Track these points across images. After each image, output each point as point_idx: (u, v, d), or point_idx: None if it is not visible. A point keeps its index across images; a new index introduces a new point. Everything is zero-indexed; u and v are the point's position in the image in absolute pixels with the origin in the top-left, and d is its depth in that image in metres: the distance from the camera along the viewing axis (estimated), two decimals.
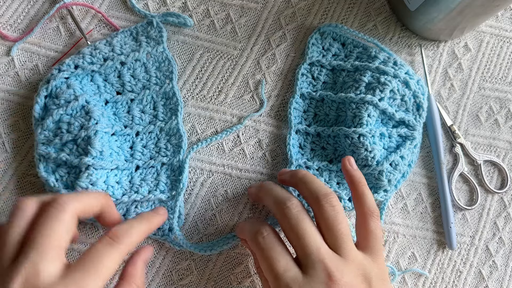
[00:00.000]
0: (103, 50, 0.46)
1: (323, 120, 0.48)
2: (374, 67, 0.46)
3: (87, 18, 0.49)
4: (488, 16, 0.48)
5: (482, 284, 0.49)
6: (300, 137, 0.48)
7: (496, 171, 0.51)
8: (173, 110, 0.47)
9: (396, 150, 0.45)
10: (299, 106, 0.48)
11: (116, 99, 0.46)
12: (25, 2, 0.49)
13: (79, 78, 0.45)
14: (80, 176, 0.41)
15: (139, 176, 0.45)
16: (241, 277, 0.46)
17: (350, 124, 0.45)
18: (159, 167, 0.45)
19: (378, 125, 0.46)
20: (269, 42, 0.51)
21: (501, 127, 0.52)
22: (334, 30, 0.50)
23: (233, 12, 0.51)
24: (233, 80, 0.50)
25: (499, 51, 0.53)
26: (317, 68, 0.49)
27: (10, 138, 0.46)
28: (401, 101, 0.46)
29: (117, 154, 0.44)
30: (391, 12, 0.53)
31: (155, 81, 0.47)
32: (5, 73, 0.47)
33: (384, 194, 0.46)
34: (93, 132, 0.42)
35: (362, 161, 0.44)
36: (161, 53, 0.47)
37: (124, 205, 0.43)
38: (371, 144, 0.44)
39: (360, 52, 0.49)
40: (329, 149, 0.47)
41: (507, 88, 0.53)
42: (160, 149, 0.46)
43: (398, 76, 0.46)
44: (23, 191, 0.46)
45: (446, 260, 0.49)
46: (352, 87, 0.46)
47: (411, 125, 0.46)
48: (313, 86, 0.49)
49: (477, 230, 0.50)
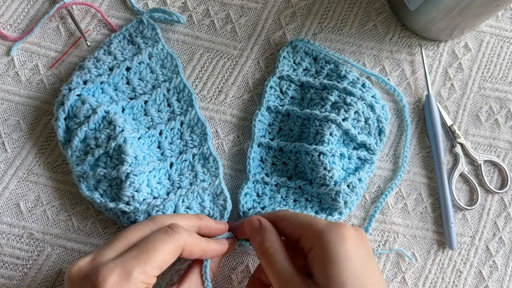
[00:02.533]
0: (106, 60, 0.46)
1: (287, 135, 0.48)
2: (342, 87, 0.46)
3: (87, 18, 0.49)
4: (488, 16, 0.48)
5: (482, 284, 0.49)
6: (262, 150, 0.47)
7: (496, 171, 0.51)
8: (188, 101, 0.47)
9: (354, 172, 0.45)
10: (264, 119, 0.48)
11: (131, 104, 0.46)
12: (25, 2, 0.49)
13: (90, 92, 0.45)
14: (123, 186, 0.41)
15: (176, 172, 0.45)
16: (241, 277, 0.46)
17: (311, 141, 0.45)
18: (191, 158, 0.46)
19: (339, 145, 0.46)
20: (269, 42, 0.51)
21: (501, 127, 0.52)
22: (306, 44, 0.49)
23: (233, 12, 0.51)
24: (233, 80, 0.50)
25: (499, 51, 0.53)
26: (286, 83, 0.49)
27: (10, 138, 0.46)
28: (364, 124, 0.46)
29: (149, 156, 0.44)
30: (391, 12, 0.53)
31: (163, 79, 0.47)
32: (5, 73, 0.47)
33: (338, 216, 0.46)
34: (122, 139, 0.42)
35: (320, 180, 0.44)
36: (161, 51, 0.47)
37: (171, 203, 0.43)
38: (331, 163, 0.44)
39: (331, 70, 0.49)
40: (290, 164, 0.47)
41: (507, 88, 0.53)
42: (186, 142, 0.46)
43: (364, 99, 0.46)
44: (23, 191, 0.46)
45: (446, 260, 0.49)
46: (318, 105, 0.46)
47: (371, 149, 0.46)
48: (280, 100, 0.49)
49: (477, 230, 0.50)
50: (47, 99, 0.47)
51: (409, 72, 0.52)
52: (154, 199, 0.42)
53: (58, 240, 0.45)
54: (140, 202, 0.41)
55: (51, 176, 0.46)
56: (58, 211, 0.46)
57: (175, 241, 0.35)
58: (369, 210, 0.49)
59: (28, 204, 0.45)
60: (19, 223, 0.45)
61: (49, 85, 0.48)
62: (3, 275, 0.44)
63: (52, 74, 0.48)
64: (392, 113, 0.50)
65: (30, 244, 0.45)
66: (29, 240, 0.45)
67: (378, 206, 0.48)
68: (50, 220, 0.45)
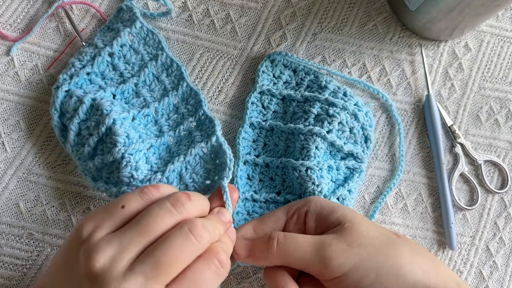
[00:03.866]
0: (88, 51, 0.46)
1: (272, 150, 0.47)
2: (324, 99, 0.46)
3: (86, 18, 0.49)
4: (489, 16, 0.48)
5: (482, 284, 0.49)
6: (249, 167, 0.47)
7: (496, 171, 0.51)
8: (177, 75, 0.47)
9: (343, 183, 0.45)
10: (248, 135, 0.47)
11: (121, 89, 0.45)
12: (24, 2, 0.49)
13: (78, 86, 0.45)
14: (120, 168, 0.40)
15: (176, 144, 0.44)
16: (241, 277, 0.46)
17: (298, 156, 0.45)
18: (189, 127, 0.45)
19: (326, 157, 0.45)
20: (269, 42, 0.51)
21: (502, 127, 0.52)
22: (285, 57, 0.49)
23: (233, 12, 0.51)
24: (233, 80, 0.50)
25: (499, 51, 0.53)
26: (268, 97, 0.48)
27: (10, 138, 0.46)
28: (349, 133, 0.46)
29: (146, 134, 0.44)
30: (391, 12, 0.53)
31: (149, 57, 0.47)
32: (5, 73, 0.47)
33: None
34: (111, 121, 0.42)
35: (309, 195, 0.44)
36: (140, 29, 0.47)
37: (175, 174, 0.42)
38: (318, 177, 0.43)
39: (311, 81, 0.48)
40: (278, 180, 0.46)
41: (508, 88, 0.53)
42: (183, 114, 0.46)
43: (347, 108, 0.45)
44: (23, 191, 0.46)
45: (446, 260, 0.49)
46: (302, 118, 0.46)
47: (359, 158, 0.46)
48: (263, 115, 0.48)
49: (477, 230, 0.50)
50: (47, 99, 0.47)
51: (409, 72, 0.52)
52: (155, 173, 0.41)
53: (58, 240, 0.45)
54: (140, 180, 0.41)
55: (51, 176, 0.46)
56: (58, 211, 0.46)
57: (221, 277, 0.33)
58: (368, 210, 0.49)
59: (27, 204, 0.45)
60: (18, 223, 0.45)
61: (49, 85, 0.48)
62: (3, 275, 0.44)
63: (52, 74, 0.48)
64: (386, 114, 0.50)
65: (30, 244, 0.45)
66: (29, 240, 0.45)
67: (377, 206, 0.48)
68: (50, 220, 0.45)
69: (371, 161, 0.49)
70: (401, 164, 0.49)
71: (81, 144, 0.43)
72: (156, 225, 0.32)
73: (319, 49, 0.51)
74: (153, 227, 0.32)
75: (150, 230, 0.32)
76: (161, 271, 0.30)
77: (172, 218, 0.33)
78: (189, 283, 0.31)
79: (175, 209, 0.33)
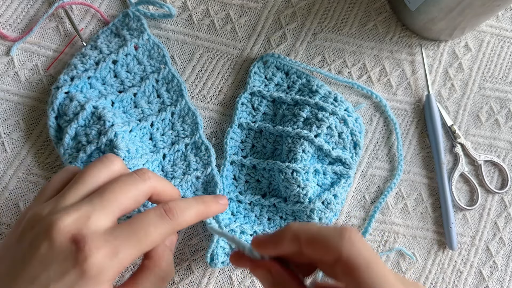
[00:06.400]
0: (92, 55, 0.46)
1: (260, 152, 0.47)
2: (313, 103, 0.45)
3: (86, 18, 0.49)
4: (489, 16, 0.48)
5: (482, 284, 0.49)
6: (235, 168, 0.47)
7: (496, 171, 0.51)
8: (177, 91, 0.47)
9: (329, 188, 0.45)
10: (236, 136, 0.47)
11: (121, 97, 0.46)
12: (24, 2, 0.49)
13: (78, 88, 0.45)
14: None
15: (169, 163, 0.45)
16: (241, 277, 0.46)
17: (285, 159, 0.45)
18: (184, 148, 0.46)
19: (313, 161, 0.45)
20: (269, 42, 0.51)
21: (502, 127, 0.52)
22: (277, 59, 0.49)
23: (233, 11, 0.51)
24: (233, 80, 0.50)
25: (499, 51, 0.53)
26: (258, 99, 0.48)
27: (10, 138, 0.46)
28: (338, 138, 0.46)
29: (142, 148, 0.44)
30: (392, 12, 0.53)
31: (151, 70, 0.47)
32: (5, 73, 0.47)
33: None
34: (113, 134, 0.42)
35: (294, 197, 0.44)
36: (147, 41, 0.47)
37: None
38: (304, 180, 0.43)
39: (303, 84, 0.48)
40: (264, 182, 0.46)
41: (508, 88, 0.53)
42: (178, 132, 0.46)
43: (336, 113, 0.45)
44: (23, 191, 0.46)
45: (446, 260, 0.49)
46: (291, 121, 0.46)
47: (347, 163, 0.46)
48: (252, 116, 0.48)
49: (477, 230, 0.50)
50: (46, 99, 0.47)
51: (409, 72, 0.52)
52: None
53: None
54: None
55: (50, 176, 0.46)
56: None
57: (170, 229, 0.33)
58: (369, 210, 0.49)
59: (27, 204, 0.45)
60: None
61: (49, 85, 0.48)
62: None
63: (52, 74, 0.48)
64: (385, 114, 0.50)
65: None
66: None
67: (378, 206, 0.48)
68: None
69: (372, 161, 0.49)
70: (400, 163, 0.49)
71: (75, 148, 0.43)
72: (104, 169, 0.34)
73: (319, 49, 0.51)
74: (96, 174, 0.34)
75: (91, 177, 0.34)
76: (109, 203, 0.31)
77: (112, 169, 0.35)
78: (133, 219, 0.32)
79: (139, 177, 0.34)
